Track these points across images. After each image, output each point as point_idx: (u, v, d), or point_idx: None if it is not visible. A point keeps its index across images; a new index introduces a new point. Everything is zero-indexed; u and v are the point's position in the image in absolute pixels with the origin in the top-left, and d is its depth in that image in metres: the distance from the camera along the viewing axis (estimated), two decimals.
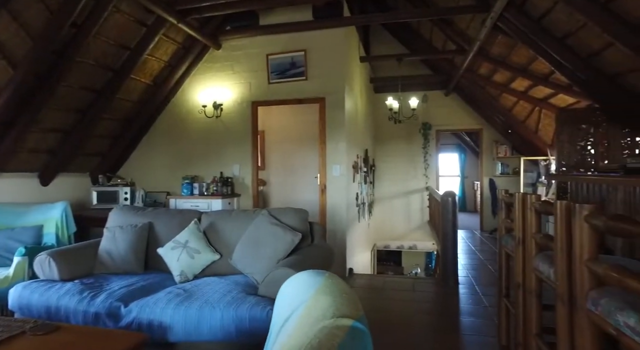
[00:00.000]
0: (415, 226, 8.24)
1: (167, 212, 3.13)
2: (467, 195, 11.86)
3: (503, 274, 2.62)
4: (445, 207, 4.11)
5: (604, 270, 1.26)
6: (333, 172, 4.54)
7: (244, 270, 2.62)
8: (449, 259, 4.11)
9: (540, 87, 5.43)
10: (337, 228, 4.53)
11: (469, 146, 11.76)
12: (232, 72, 4.88)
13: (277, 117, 5.97)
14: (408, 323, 3.11)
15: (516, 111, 6.55)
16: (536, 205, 1.96)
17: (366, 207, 6.44)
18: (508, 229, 2.55)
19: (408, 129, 7.99)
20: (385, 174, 8.22)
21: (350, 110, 4.96)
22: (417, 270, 9.38)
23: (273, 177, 5.99)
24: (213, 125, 4.94)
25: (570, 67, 3.79)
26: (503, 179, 7.74)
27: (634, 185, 2.13)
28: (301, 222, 2.79)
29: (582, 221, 1.40)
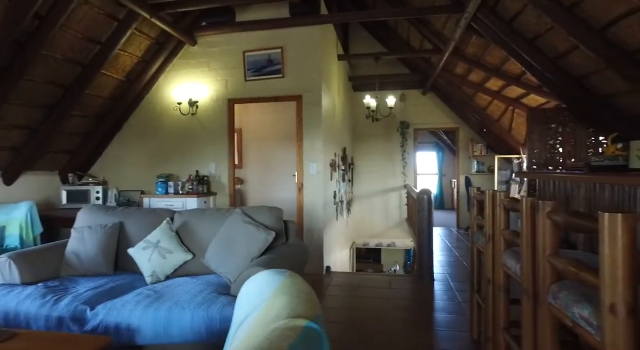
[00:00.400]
0: (394, 224, 8.33)
1: (139, 211, 3.05)
2: (445, 193, 12.07)
3: (475, 270, 2.68)
4: (420, 204, 4.17)
5: (563, 264, 1.30)
6: (310, 170, 4.53)
7: (217, 269, 2.58)
8: (424, 256, 4.17)
9: (513, 87, 5.57)
10: (314, 226, 4.53)
11: (446, 145, 11.96)
12: (208, 68, 4.80)
13: (255, 114, 5.92)
14: (383, 319, 3.13)
15: (490, 110, 6.70)
16: (504, 202, 2.00)
17: (344, 205, 6.47)
18: (479, 226, 2.60)
19: (386, 128, 8.05)
20: (364, 172, 8.27)
21: (328, 108, 4.96)
22: (395, 267, 9.50)
23: (251, 176, 5.94)
24: (188, 123, 4.85)
25: (540, 68, 3.90)
26: (478, 177, 7.91)
27: (594, 182, 2.20)
28: (275, 221, 2.77)
29: (544, 217, 1.43)
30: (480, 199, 2.54)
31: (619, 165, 3.12)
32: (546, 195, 2.86)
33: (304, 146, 4.56)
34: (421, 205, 4.15)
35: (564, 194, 2.50)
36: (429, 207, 4.13)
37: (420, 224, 4.18)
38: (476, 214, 2.70)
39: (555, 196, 2.67)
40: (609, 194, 1.95)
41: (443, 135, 11.21)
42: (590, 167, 3.12)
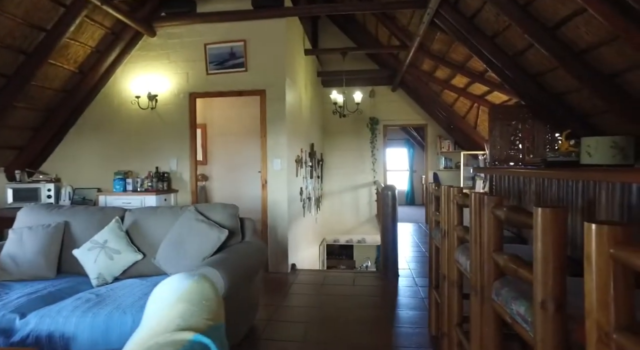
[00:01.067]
0: (364, 220, 8.35)
1: (87, 210, 2.88)
2: (416, 188, 12.23)
3: (433, 266, 2.68)
4: (385, 201, 4.16)
5: (504, 261, 1.28)
6: (274, 167, 4.44)
7: (168, 270, 2.47)
8: (389, 253, 4.17)
9: (478, 84, 5.66)
10: (279, 224, 4.45)
11: (416, 141, 12.10)
12: (168, 61, 4.61)
13: (220, 109, 5.76)
14: (344, 318, 3.10)
15: (457, 107, 6.79)
16: (457, 198, 1.99)
17: (313, 201, 6.41)
18: (437, 222, 2.60)
19: (356, 124, 8.05)
20: (334, 168, 8.24)
21: (293, 103, 4.88)
22: (367, 264, 9.55)
23: (216, 172, 5.78)
24: (148, 117, 4.65)
25: (500, 65, 3.96)
26: (447, 173, 8.04)
27: (543, 177, 2.23)
28: (230, 218, 2.68)
29: (489, 213, 1.41)
30: (437, 194, 2.54)
31: (571, 161, 3.21)
32: (502, 191, 2.89)
33: (268, 142, 4.47)
34: (385, 202, 4.14)
35: (517, 189, 2.52)
36: (393, 203, 4.12)
37: (384, 220, 4.17)
38: (434, 210, 2.70)
39: (509, 191, 2.70)
40: (556, 189, 1.98)
41: (413, 131, 11.34)
42: (546, 162, 3.19)
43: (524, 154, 4.31)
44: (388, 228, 4.16)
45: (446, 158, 8.05)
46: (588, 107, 3.48)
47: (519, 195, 2.47)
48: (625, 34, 2.38)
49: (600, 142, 3.16)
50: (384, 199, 4.20)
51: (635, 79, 2.78)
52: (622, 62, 2.76)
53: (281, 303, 3.44)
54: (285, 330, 2.90)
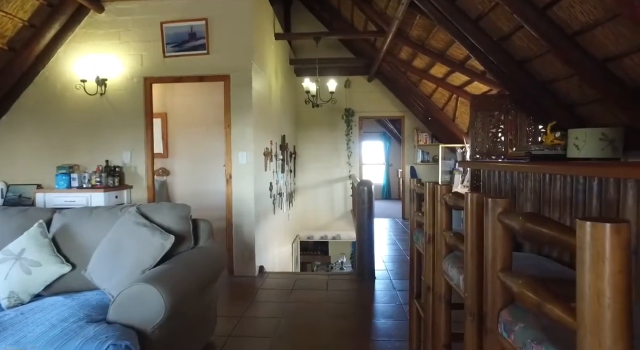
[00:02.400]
0: (339, 216, 8.05)
1: (3, 212, 2.40)
2: (392, 182, 12.04)
3: (415, 273, 2.36)
4: (360, 197, 3.83)
5: (519, 287, 0.95)
6: (239, 160, 4.03)
7: (100, 285, 2.04)
8: (364, 253, 3.85)
9: (458, 74, 5.40)
10: (245, 222, 4.05)
11: (393, 134, 11.89)
12: (119, 41, 4.09)
13: (182, 96, 5.26)
14: (316, 330, 2.76)
15: (435, 98, 6.54)
16: (446, 198, 1.66)
17: (285, 197, 6.03)
18: (419, 223, 2.28)
19: (331, 115, 7.70)
20: (308, 162, 7.88)
21: (261, 91, 4.46)
22: (343, 259, 9.31)
23: (178, 166, 5.30)
24: (97, 104, 4.13)
25: (483, 50, 3.68)
26: (424, 167, 7.82)
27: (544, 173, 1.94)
28: (179, 221, 2.27)
29: (495, 220, 1.08)
30: (420, 192, 2.22)
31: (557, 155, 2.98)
32: (491, 188, 2.60)
33: (232, 133, 4.04)
34: (361, 198, 3.82)
35: (510, 186, 2.23)
36: (369, 199, 3.80)
37: (360, 218, 3.85)
38: (415, 209, 2.38)
39: (501, 189, 2.42)
40: (561, 187, 1.68)
41: (390, 124, 11.10)
42: (531, 156, 2.94)
43: (506, 147, 4.08)
44: (364, 226, 3.84)
45: (423, 151, 7.83)
46: (576, 95, 3.24)
47: (512, 193, 2.17)
48: (628, 8, 2.11)
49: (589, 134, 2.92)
50: (359, 195, 3.87)
51: (631, 64, 2.54)
52: (618, 46, 2.51)
53: (245, 313, 3.06)
54: (247, 348, 2.53)
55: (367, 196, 3.80)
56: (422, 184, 2.18)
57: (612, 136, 2.89)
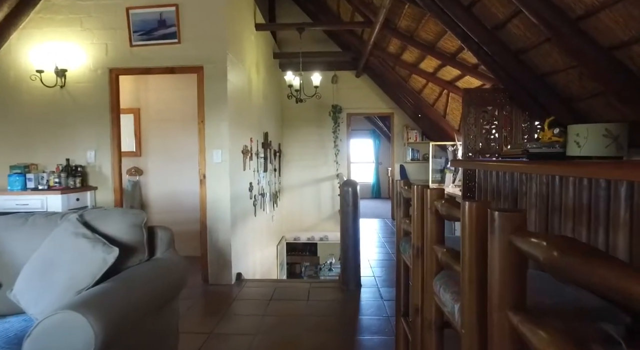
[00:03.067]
0: (327, 216, 7.77)
1: None
2: (382, 181, 11.80)
3: (401, 287, 2.08)
4: (345, 199, 3.54)
5: (539, 340, 0.67)
6: (213, 159, 3.71)
7: (27, 309, 1.72)
8: (349, 259, 3.57)
9: (448, 68, 5.14)
10: (220, 226, 3.73)
11: (382, 132, 11.63)
12: (81, 28, 3.74)
13: (157, 91, 4.91)
14: (292, 347, 2.46)
15: (425, 94, 6.28)
16: (438, 205, 1.38)
17: (268, 198, 5.72)
18: (406, 232, 2.00)
19: (318, 112, 7.40)
20: (294, 160, 7.57)
21: (239, 84, 4.14)
22: (332, 260, 9.02)
23: (153, 165, 4.95)
24: (56, 98, 3.77)
25: (477, 40, 3.41)
26: (414, 165, 7.57)
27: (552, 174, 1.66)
28: (130, 229, 1.95)
29: (504, 242, 0.80)
30: (407, 196, 1.93)
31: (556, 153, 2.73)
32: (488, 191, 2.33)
33: (206, 129, 3.72)
34: (345, 200, 3.53)
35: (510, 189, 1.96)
36: (354, 201, 3.51)
37: (344, 221, 3.56)
38: (402, 215, 2.09)
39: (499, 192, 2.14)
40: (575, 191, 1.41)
41: (379, 121, 10.84)
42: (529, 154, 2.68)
43: (501, 144, 3.82)
44: (348, 230, 3.55)
45: (413, 149, 7.57)
46: (575, 89, 2.99)
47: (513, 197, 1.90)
48: None
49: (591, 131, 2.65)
50: (343, 197, 3.58)
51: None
52: (627, 31, 2.25)
53: (216, 329, 2.75)
54: None
55: (351, 198, 3.51)
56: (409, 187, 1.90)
57: (616, 132, 2.63)
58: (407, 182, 2.14)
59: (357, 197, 3.53)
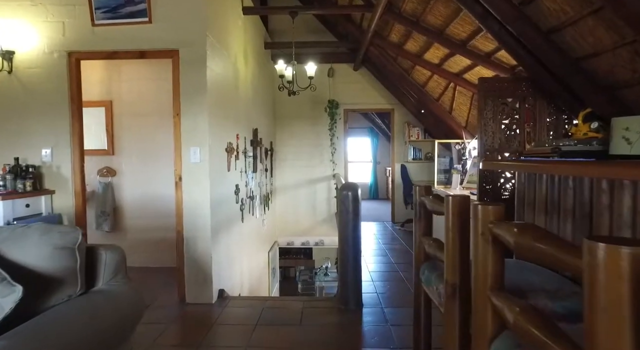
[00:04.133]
0: (322, 219, 7.25)
1: None
2: (380, 182, 11.31)
3: (421, 330, 1.57)
4: (343, 204, 3.03)
5: None
6: (191, 158, 3.18)
7: None
8: (349, 274, 3.06)
9: (457, 58, 4.65)
10: (199, 235, 3.21)
11: (381, 130, 11.14)
12: (32, 3, 3.19)
13: (131, 82, 4.37)
14: None
15: (430, 87, 5.78)
16: (497, 231, 0.87)
17: (258, 201, 5.20)
18: (429, 255, 1.49)
19: (313, 108, 6.89)
20: (287, 159, 7.05)
21: (221, 72, 3.61)
22: (327, 264, 8.54)
23: (127, 165, 4.40)
24: (2, 85, 3.22)
25: (500, 18, 2.91)
26: (415, 165, 7.08)
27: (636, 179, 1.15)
28: (55, 254, 1.43)
29: None
30: (433, 208, 1.42)
31: (596, 151, 2.24)
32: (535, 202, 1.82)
33: (182, 123, 3.19)
34: (344, 206, 3.01)
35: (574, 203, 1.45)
36: (355, 208, 3.00)
37: (343, 230, 3.05)
38: (422, 231, 1.59)
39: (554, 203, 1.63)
40: None
41: (377, 118, 10.34)
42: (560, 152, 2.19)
43: (522, 142, 3.33)
44: (347, 240, 3.04)
45: (415, 148, 7.07)
46: (622, 74, 2.49)
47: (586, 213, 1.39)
48: None
49: None
50: (342, 202, 3.06)
51: None
52: None
53: None
54: None
55: (351, 204, 2.99)
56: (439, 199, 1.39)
57: None
58: (428, 189, 1.64)
59: (358, 202, 3.02)
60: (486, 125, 3.36)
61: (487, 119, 3.36)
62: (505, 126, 3.36)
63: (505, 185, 3.38)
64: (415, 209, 1.59)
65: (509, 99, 3.34)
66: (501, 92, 3.33)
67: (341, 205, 3.07)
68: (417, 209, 1.58)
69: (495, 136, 3.35)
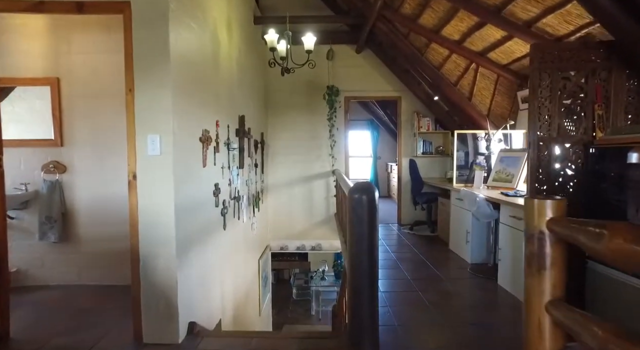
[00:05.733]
0: (320, 220, 6.46)
1: None
2: (380, 179, 10.53)
3: None
4: (355, 212, 2.21)
5: None
6: (148, 149, 2.35)
7: None
8: (363, 307, 2.25)
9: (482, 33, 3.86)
10: (161, 253, 2.39)
11: (382, 122, 10.34)
12: None
13: (84, 55, 3.50)
14: None
15: (447, 70, 4.98)
16: None
17: (245, 201, 4.38)
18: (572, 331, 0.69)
19: (309, 95, 6.07)
20: (281, 153, 6.23)
21: (192, 39, 2.77)
22: (324, 267, 7.80)
23: (80, 159, 3.55)
24: None
25: None
26: (426, 160, 6.29)
27: None
28: None
29: None
30: (568, 232, 0.62)
31: None
32: None
33: (137, 102, 2.36)
34: (356, 215, 2.20)
35: None
36: (372, 217, 2.19)
37: (354, 247, 2.23)
38: (553, 295, 0.78)
39: None
40: None
41: (379, 109, 9.52)
42: None
43: (591, 128, 2.54)
44: (361, 263, 2.23)
45: (425, 141, 6.29)
46: None
47: None
48: None
49: None
50: (353, 209, 2.24)
51: None
52: None
53: None
54: None
55: (367, 211, 2.18)
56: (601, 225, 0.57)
57: None
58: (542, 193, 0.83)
59: (375, 210, 2.21)
60: (541, 108, 2.56)
61: (542, 98, 2.56)
62: (566, 108, 2.57)
63: (567, 184, 2.58)
64: (532, 247, 0.80)
65: (572, 73, 2.54)
66: (562, 64, 2.53)
67: (352, 213, 2.26)
68: (537, 248, 0.79)
69: (552, 121, 2.56)
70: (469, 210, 4.01)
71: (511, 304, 3.00)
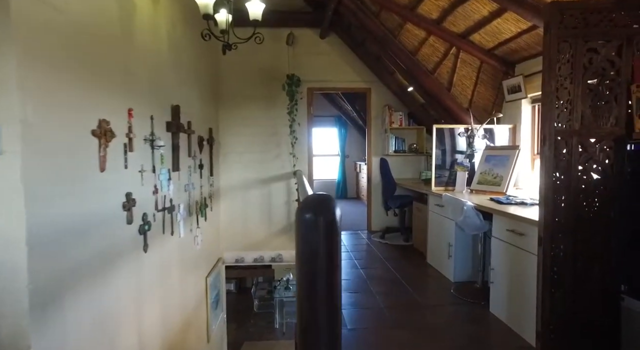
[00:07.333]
0: (280, 228, 5.69)
1: None
2: (349, 179, 9.87)
3: None
4: (306, 241, 1.43)
5: None
6: None
7: None
8: None
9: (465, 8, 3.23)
10: (6, 312, 1.53)
11: (350, 118, 9.68)
12: None
13: None
14: None
15: (423, 55, 4.33)
16: None
17: (183, 211, 3.53)
18: None
19: (267, 85, 5.27)
20: (234, 152, 5.40)
21: None
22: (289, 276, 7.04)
23: None
24: None
25: None
26: (399, 159, 5.65)
27: None
28: None
29: None
30: None
31: None
32: None
33: None
34: (308, 245, 1.42)
35: None
36: (331, 248, 1.43)
37: (304, 302, 1.47)
38: None
39: None
40: None
41: (346, 104, 8.84)
42: None
43: (624, 117, 1.92)
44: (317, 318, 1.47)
45: (398, 138, 5.64)
46: None
47: None
48: None
49: None
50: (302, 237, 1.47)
51: None
52: None
53: None
54: None
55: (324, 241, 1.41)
56: None
57: None
58: None
59: (336, 238, 1.45)
60: (559, 90, 1.89)
61: (562, 78, 1.89)
62: (592, 91, 1.92)
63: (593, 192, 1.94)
64: None
65: (600, 43, 1.90)
66: (588, 30, 1.87)
67: (301, 242, 1.49)
68: None
69: (574, 107, 1.90)
70: (452, 219, 3.36)
71: (514, 344, 2.36)
